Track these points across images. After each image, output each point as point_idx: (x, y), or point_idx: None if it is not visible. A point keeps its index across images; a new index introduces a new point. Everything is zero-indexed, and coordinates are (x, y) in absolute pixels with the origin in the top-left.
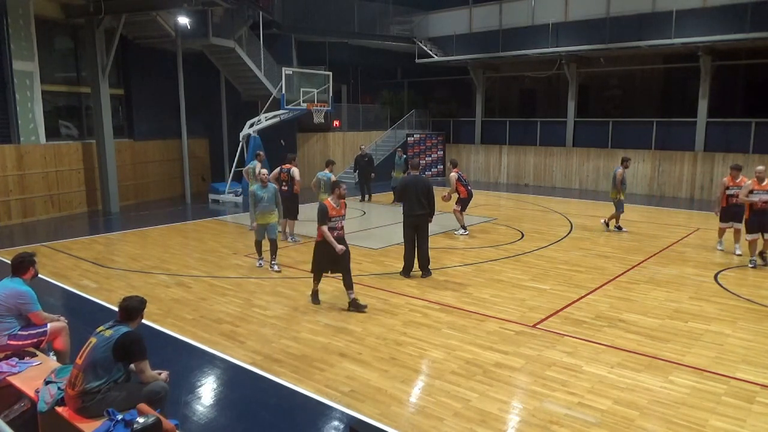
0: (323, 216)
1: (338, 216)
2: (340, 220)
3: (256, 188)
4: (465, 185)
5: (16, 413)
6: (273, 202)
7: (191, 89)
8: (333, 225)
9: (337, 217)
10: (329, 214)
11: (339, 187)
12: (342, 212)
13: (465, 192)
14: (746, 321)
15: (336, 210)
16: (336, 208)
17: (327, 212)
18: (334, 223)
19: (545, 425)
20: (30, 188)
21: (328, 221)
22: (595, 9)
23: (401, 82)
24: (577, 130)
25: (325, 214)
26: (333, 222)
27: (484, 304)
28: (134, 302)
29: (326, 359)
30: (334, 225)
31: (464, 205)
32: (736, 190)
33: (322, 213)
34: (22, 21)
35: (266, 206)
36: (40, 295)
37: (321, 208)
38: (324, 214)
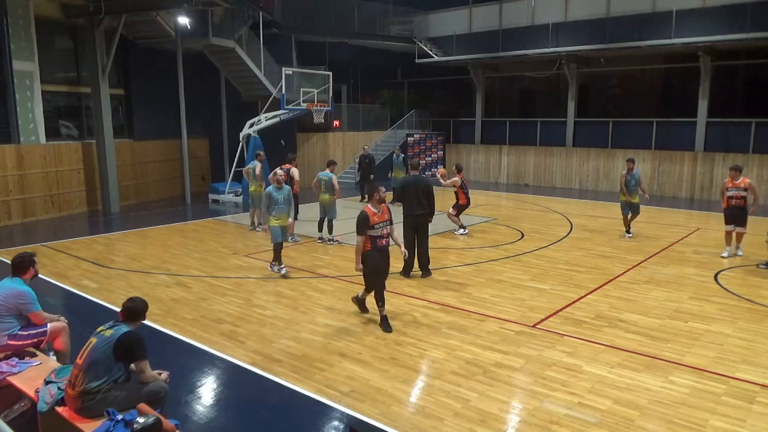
0: (363, 224)
1: (381, 222)
2: (385, 225)
3: (272, 189)
4: (465, 193)
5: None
6: (288, 203)
7: (191, 89)
8: (377, 233)
9: (380, 223)
10: (371, 222)
11: (377, 191)
12: (385, 217)
13: (465, 199)
14: (746, 321)
15: (378, 216)
16: (378, 214)
17: (368, 220)
18: (378, 230)
19: (545, 425)
20: (30, 188)
21: (371, 229)
22: (595, 9)
23: (401, 82)
24: (577, 130)
25: (365, 222)
26: (377, 229)
27: (484, 304)
28: (138, 304)
29: (326, 359)
30: (378, 233)
31: (460, 210)
32: (737, 192)
33: (362, 221)
34: (22, 21)
35: (282, 208)
36: (40, 295)
37: (361, 216)
38: (365, 222)
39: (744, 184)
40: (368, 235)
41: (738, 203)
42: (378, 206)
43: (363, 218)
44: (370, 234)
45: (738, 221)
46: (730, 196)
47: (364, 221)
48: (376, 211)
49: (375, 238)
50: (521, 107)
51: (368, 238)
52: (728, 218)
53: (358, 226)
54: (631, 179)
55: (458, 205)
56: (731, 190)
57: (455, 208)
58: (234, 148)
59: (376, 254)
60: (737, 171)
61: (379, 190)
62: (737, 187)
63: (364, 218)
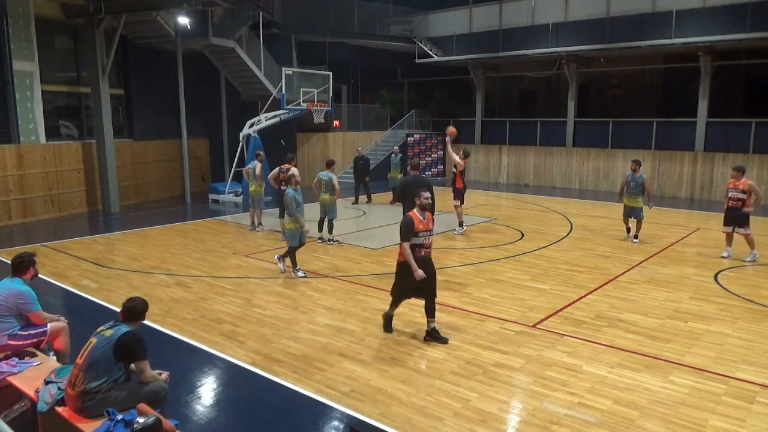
0: (408, 230)
1: (426, 231)
2: (428, 235)
3: (294, 192)
4: (463, 178)
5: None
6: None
7: (191, 89)
8: (420, 242)
9: (424, 231)
10: (415, 229)
11: (420, 197)
12: (430, 226)
13: (461, 183)
14: (746, 321)
15: (423, 223)
16: (423, 221)
17: (413, 226)
18: (421, 239)
19: (545, 425)
20: (30, 188)
21: (414, 236)
22: (595, 9)
23: (401, 82)
24: (577, 130)
25: (410, 228)
26: (420, 238)
27: (484, 304)
28: (138, 304)
29: (326, 359)
30: (420, 242)
31: (462, 197)
32: (734, 193)
33: (406, 227)
34: (22, 21)
35: (302, 209)
36: (40, 295)
37: (406, 221)
38: (409, 228)
39: (743, 186)
40: (410, 242)
41: (735, 205)
42: (423, 213)
43: (408, 223)
44: (412, 241)
45: (736, 222)
46: (729, 197)
47: (409, 227)
48: (422, 218)
49: (416, 246)
50: (521, 107)
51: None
52: (726, 219)
53: (403, 231)
54: (632, 181)
55: (457, 191)
56: (731, 191)
57: (457, 197)
58: (234, 148)
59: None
60: (739, 172)
61: (421, 196)
62: (736, 189)
63: (410, 223)
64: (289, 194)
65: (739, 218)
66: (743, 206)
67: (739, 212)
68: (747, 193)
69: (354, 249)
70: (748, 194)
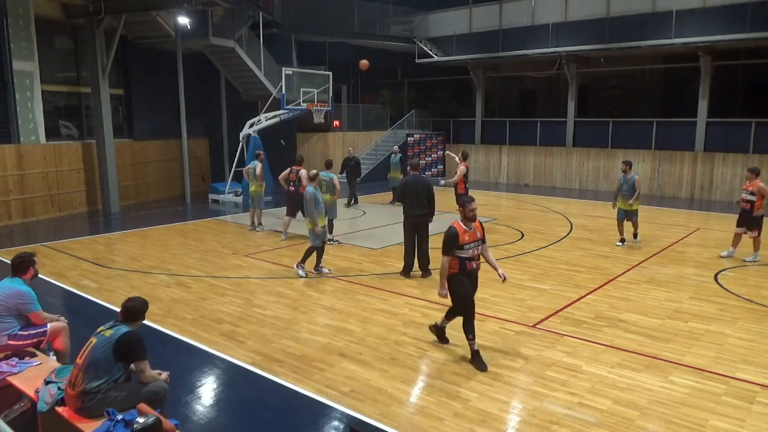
0: (452, 243)
1: (473, 241)
2: (476, 246)
3: (315, 191)
4: (465, 182)
5: (16, 413)
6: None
7: (191, 89)
8: (467, 254)
9: (471, 242)
10: (460, 240)
11: (465, 206)
12: (477, 236)
13: (464, 188)
14: (746, 321)
15: (469, 234)
16: (469, 232)
17: (457, 237)
18: (468, 251)
19: (545, 425)
20: (30, 188)
21: (459, 249)
22: (595, 9)
23: (401, 82)
24: (577, 130)
25: (454, 240)
26: (467, 250)
27: (484, 304)
28: (138, 304)
29: (326, 359)
30: (468, 254)
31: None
32: (745, 195)
33: (450, 240)
34: (22, 21)
35: (322, 207)
36: (40, 295)
37: (450, 233)
38: (453, 240)
39: (754, 187)
40: (456, 255)
41: (745, 206)
42: (470, 223)
43: (452, 236)
44: (458, 255)
45: (746, 224)
46: (741, 198)
47: (453, 239)
48: (467, 228)
49: (464, 260)
50: (521, 107)
51: (455, 260)
52: (738, 220)
53: (446, 244)
54: (624, 183)
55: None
56: (743, 192)
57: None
58: (234, 148)
59: (464, 279)
60: (753, 173)
61: (466, 205)
62: (746, 190)
63: (453, 236)
64: (310, 192)
65: (748, 220)
66: (753, 208)
67: (749, 214)
68: (757, 196)
69: (354, 249)
70: (759, 196)
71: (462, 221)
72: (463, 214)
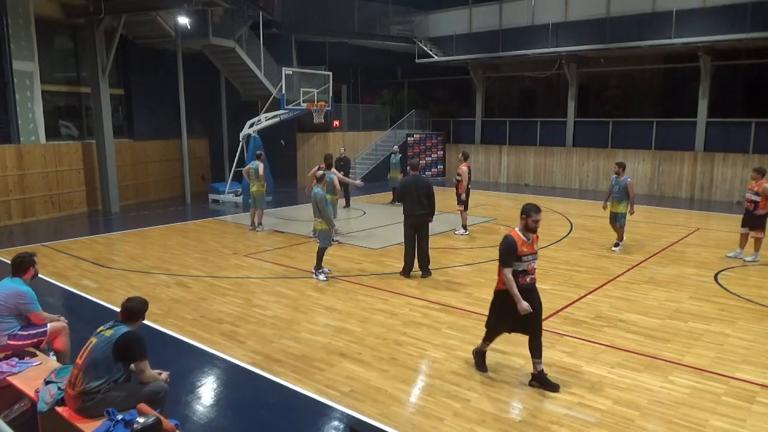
0: (510, 254)
1: (530, 254)
2: (533, 259)
3: (324, 192)
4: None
5: (16, 413)
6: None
7: (191, 89)
8: (523, 267)
9: (529, 255)
10: (518, 251)
11: (529, 215)
12: (535, 248)
13: (463, 188)
14: (746, 321)
15: (528, 245)
16: (527, 243)
17: (515, 248)
18: (525, 264)
19: (545, 425)
20: (30, 188)
21: (517, 261)
22: (595, 9)
23: (401, 82)
24: (577, 130)
25: (512, 250)
26: (524, 263)
27: (484, 304)
28: (137, 304)
29: (326, 359)
30: (524, 267)
31: (465, 202)
32: (749, 195)
33: (507, 249)
34: (22, 21)
35: (331, 210)
36: (40, 295)
37: (507, 243)
38: (511, 250)
39: (758, 188)
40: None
41: (748, 206)
42: (529, 234)
43: (509, 245)
44: (514, 267)
45: (749, 224)
46: (746, 198)
47: (511, 249)
48: (526, 239)
49: (518, 273)
50: (521, 107)
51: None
52: (742, 220)
53: (503, 254)
54: (615, 185)
55: (459, 196)
56: (747, 192)
57: (460, 203)
58: (234, 148)
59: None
60: (758, 173)
61: (530, 214)
62: (751, 190)
63: (511, 245)
64: (319, 194)
65: (751, 220)
66: (756, 208)
67: (752, 214)
68: (762, 196)
69: (354, 249)
70: (763, 197)
71: (521, 230)
72: (525, 224)
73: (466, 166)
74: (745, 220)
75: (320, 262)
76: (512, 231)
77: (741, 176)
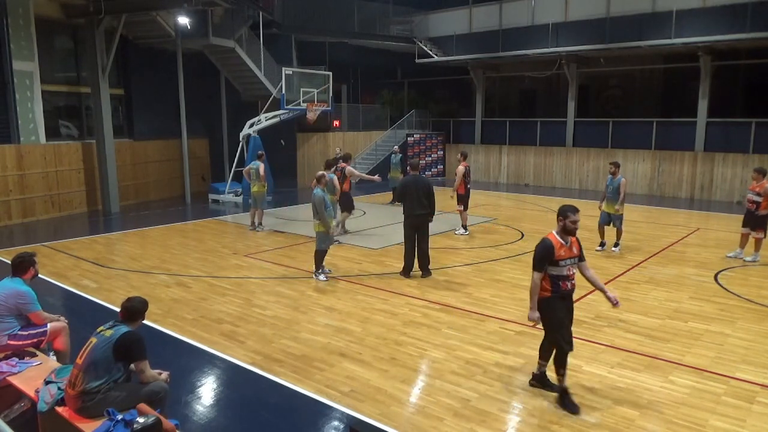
0: (545, 257)
1: (570, 258)
2: (572, 263)
3: (323, 193)
4: (466, 182)
5: (16, 413)
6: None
7: (191, 89)
8: (562, 272)
9: (566, 259)
10: (555, 255)
11: (567, 217)
12: (574, 252)
13: (464, 188)
14: (746, 321)
15: (566, 249)
16: (565, 246)
17: (552, 252)
18: (563, 268)
19: (545, 425)
20: (30, 188)
21: (553, 266)
22: (595, 9)
23: (401, 82)
24: (577, 130)
25: (548, 254)
26: (562, 267)
27: (484, 304)
28: (137, 303)
29: (326, 359)
30: (563, 272)
31: (465, 202)
32: (750, 195)
33: (543, 252)
34: (22, 21)
35: (331, 210)
36: (40, 295)
37: (544, 246)
38: (546, 254)
39: (759, 188)
40: (548, 273)
41: (750, 207)
42: (567, 236)
43: (546, 248)
44: (551, 272)
45: (750, 225)
46: (748, 198)
47: (547, 253)
48: (563, 242)
49: (558, 278)
50: (521, 107)
51: (547, 278)
52: (743, 220)
53: (537, 258)
54: (609, 185)
55: (459, 197)
56: (749, 192)
57: (459, 202)
58: (234, 148)
59: (558, 302)
60: (759, 174)
61: (568, 216)
62: (752, 191)
63: (547, 248)
64: (318, 195)
65: (753, 221)
66: (758, 209)
67: (753, 215)
68: (763, 196)
69: (354, 249)
70: (765, 197)
71: (558, 233)
72: (562, 226)
73: (463, 165)
74: (747, 220)
75: (319, 264)
76: (550, 234)
77: (741, 176)
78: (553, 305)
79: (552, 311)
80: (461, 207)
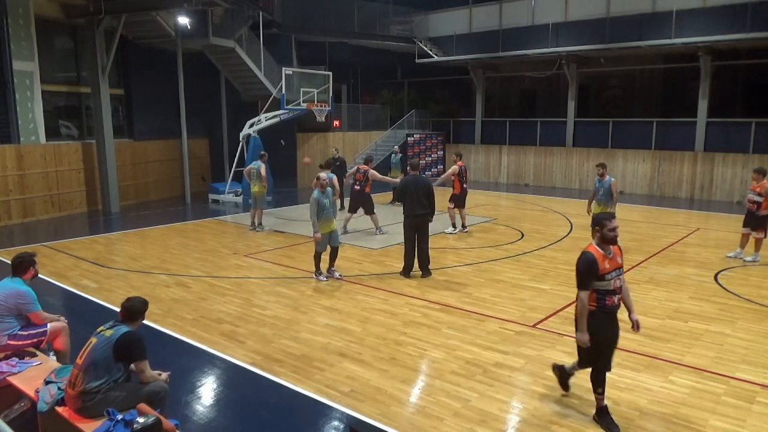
0: (589, 274)
1: (614, 269)
2: (618, 276)
3: (318, 195)
4: (462, 181)
5: (16, 413)
6: (332, 207)
7: (191, 89)
8: (608, 286)
9: (612, 271)
10: (600, 269)
11: (604, 226)
12: (619, 262)
13: (459, 188)
14: (746, 321)
15: (610, 260)
16: (609, 258)
17: (596, 266)
18: (609, 282)
19: (545, 425)
20: (30, 188)
21: (600, 280)
22: (595, 9)
23: (401, 82)
24: (577, 130)
25: (593, 268)
26: (608, 280)
27: (484, 304)
28: (137, 303)
29: (326, 359)
30: (609, 286)
31: (458, 201)
32: (750, 195)
33: (587, 268)
34: (22, 21)
35: (329, 212)
36: (40, 295)
37: (586, 261)
38: (591, 270)
39: (760, 188)
40: (594, 289)
41: (750, 207)
42: (608, 246)
43: (588, 263)
44: (596, 287)
45: (750, 225)
46: (748, 199)
47: (591, 268)
48: (606, 253)
49: (604, 294)
50: (521, 107)
51: (593, 294)
52: (744, 220)
53: (582, 276)
54: (599, 187)
55: (453, 196)
56: (749, 193)
57: (451, 200)
58: (234, 148)
59: (604, 319)
60: (759, 174)
61: (607, 223)
62: (752, 191)
63: (590, 263)
64: (313, 196)
65: (753, 221)
66: (758, 209)
67: (754, 215)
68: (764, 196)
69: (354, 249)
70: (765, 197)
71: (598, 244)
72: (600, 235)
73: (458, 165)
74: (747, 220)
75: (319, 266)
76: (589, 246)
77: (741, 176)
78: (599, 323)
79: (601, 329)
80: (452, 205)
